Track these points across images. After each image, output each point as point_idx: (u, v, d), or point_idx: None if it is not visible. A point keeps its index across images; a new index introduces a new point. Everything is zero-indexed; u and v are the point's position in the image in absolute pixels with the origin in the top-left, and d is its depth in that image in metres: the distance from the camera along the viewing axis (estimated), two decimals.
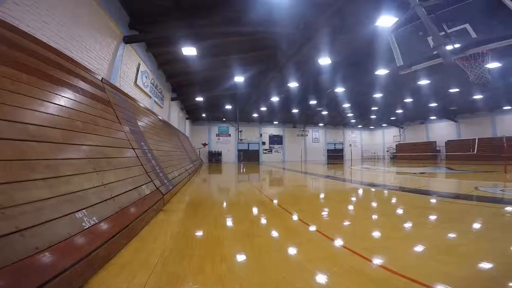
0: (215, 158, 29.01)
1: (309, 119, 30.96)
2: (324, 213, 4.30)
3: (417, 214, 4.09)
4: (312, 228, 3.32)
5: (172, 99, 16.21)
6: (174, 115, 16.96)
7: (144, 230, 3.18)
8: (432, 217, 3.89)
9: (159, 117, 11.03)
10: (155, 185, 4.61)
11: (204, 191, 7.60)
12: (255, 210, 4.51)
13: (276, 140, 33.37)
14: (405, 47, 4.43)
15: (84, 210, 2.29)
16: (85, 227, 2.16)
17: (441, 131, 27.87)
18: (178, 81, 15.23)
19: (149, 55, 10.73)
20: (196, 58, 10.81)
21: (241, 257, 2.39)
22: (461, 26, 3.80)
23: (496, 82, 14.28)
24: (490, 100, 20.14)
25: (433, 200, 5.27)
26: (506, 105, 21.31)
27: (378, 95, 18.89)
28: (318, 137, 35.89)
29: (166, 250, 2.56)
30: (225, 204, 5.29)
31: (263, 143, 32.50)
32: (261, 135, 32.34)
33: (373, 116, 29.75)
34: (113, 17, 6.85)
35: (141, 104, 8.31)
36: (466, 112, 24.70)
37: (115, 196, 2.96)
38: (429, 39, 3.95)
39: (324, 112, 26.33)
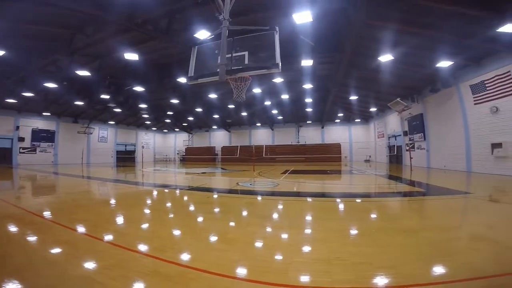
0: None
1: (97, 114, 26.31)
2: (113, 221, 3.87)
3: (201, 209, 4.87)
4: (100, 238, 2.88)
5: None
6: None
7: None
8: (212, 210, 4.82)
9: None
10: None
11: None
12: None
13: (44, 136, 24.59)
14: (201, 61, 4.93)
15: None
16: None
17: (219, 138, 35.37)
18: None
19: None
20: None
21: None
22: (242, 53, 4.64)
23: (255, 105, 20.61)
24: (249, 118, 28.65)
25: (215, 196, 6.53)
26: (257, 122, 31.47)
27: (175, 101, 20.11)
28: (106, 136, 31.24)
29: None
30: None
31: (21, 139, 22.80)
32: (17, 127, 22.45)
33: (168, 120, 31.23)
34: None
35: None
36: (236, 124, 33.14)
37: None
38: (220, 58, 4.41)
39: (118, 110, 23.65)
